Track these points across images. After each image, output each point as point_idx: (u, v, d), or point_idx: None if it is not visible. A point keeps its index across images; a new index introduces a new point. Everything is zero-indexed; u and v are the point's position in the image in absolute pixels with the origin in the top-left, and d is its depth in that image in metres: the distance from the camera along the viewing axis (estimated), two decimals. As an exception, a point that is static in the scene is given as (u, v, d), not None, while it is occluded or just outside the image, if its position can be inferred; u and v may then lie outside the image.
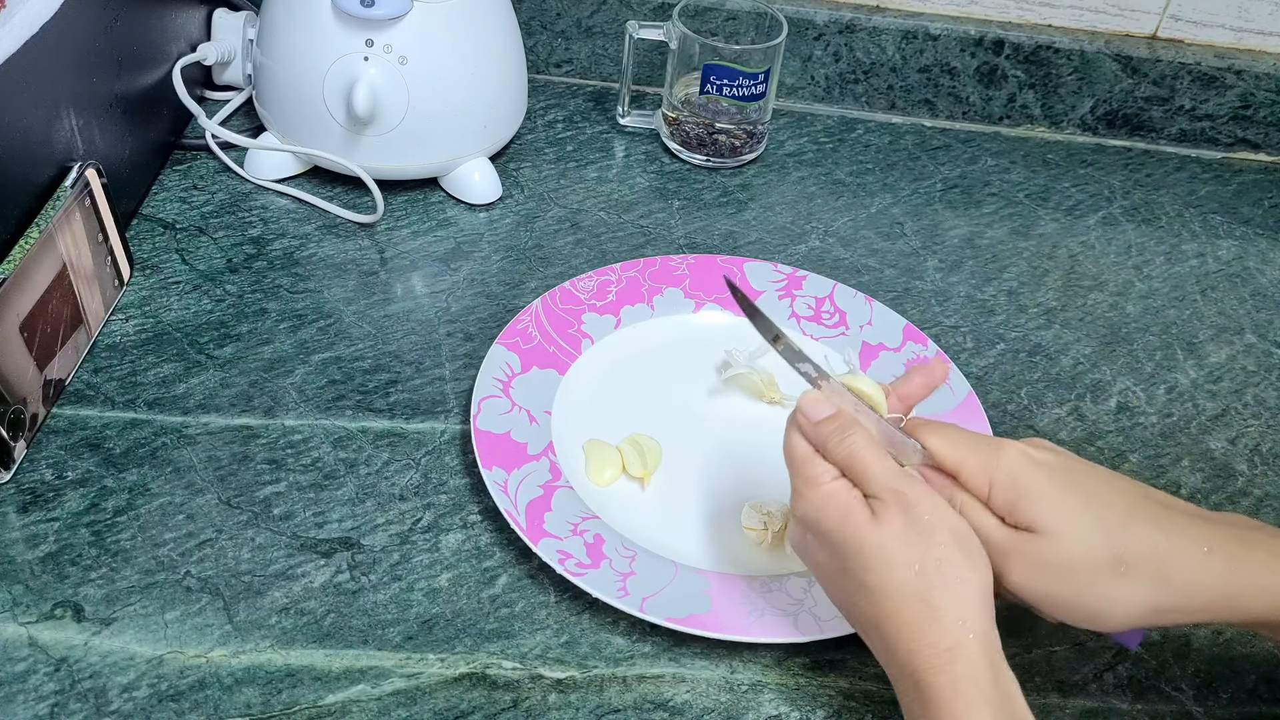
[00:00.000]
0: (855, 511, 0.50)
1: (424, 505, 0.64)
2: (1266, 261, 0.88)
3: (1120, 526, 0.49)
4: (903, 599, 0.49)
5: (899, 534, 0.49)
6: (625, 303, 0.75)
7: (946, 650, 0.47)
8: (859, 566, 0.49)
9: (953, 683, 0.47)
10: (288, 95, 0.80)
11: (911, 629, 0.48)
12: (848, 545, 0.50)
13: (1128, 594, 0.49)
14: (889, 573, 0.49)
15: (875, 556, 0.49)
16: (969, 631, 0.48)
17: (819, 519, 0.51)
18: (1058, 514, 0.49)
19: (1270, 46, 0.96)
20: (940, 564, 0.49)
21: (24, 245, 0.62)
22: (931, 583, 0.48)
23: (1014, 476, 0.50)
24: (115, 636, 0.56)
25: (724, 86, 0.86)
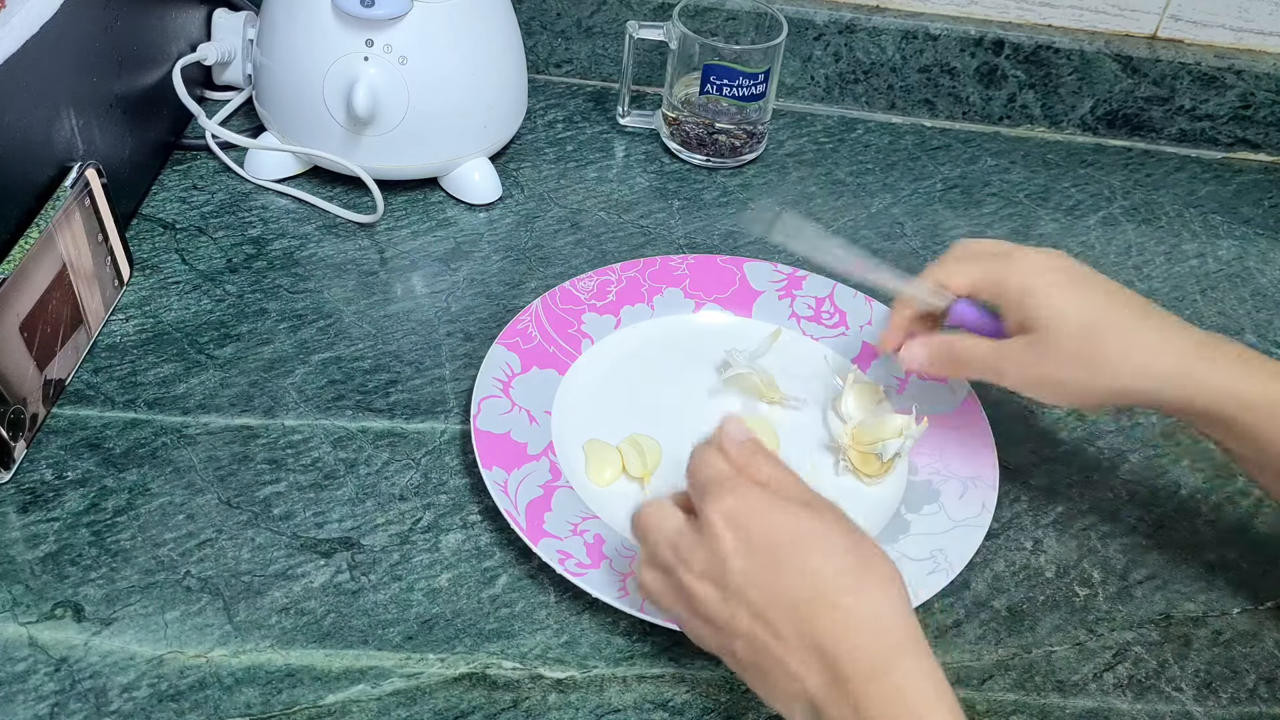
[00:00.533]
0: (795, 501, 0.49)
1: (424, 505, 0.64)
2: (1266, 261, 0.88)
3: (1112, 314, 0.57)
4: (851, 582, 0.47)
5: (834, 524, 0.49)
6: (625, 303, 0.75)
7: (898, 642, 0.46)
8: (803, 547, 0.48)
9: (911, 676, 0.45)
10: (288, 95, 0.80)
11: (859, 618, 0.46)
12: (793, 527, 0.48)
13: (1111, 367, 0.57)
14: (832, 554, 0.47)
15: (821, 536, 0.48)
16: (912, 626, 0.47)
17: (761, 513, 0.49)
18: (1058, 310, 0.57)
19: (1270, 46, 0.96)
20: (877, 561, 0.48)
21: (24, 245, 0.62)
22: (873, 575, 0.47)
23: (1029, 278, 0.58)
24: (115, 636, 0.56)
25: (724, 86, 0.86)
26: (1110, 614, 0.62)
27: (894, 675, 0.45)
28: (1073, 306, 0.57)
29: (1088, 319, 0.57)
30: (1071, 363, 0.57)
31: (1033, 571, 0.64)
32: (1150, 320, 0.58)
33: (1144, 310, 0.58)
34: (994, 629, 0.61)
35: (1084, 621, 0.62)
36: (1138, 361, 0.57)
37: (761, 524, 0.48)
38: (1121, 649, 0.61)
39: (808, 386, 0.71)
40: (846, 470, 0.67)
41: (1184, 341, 0.57)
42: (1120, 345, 0.57)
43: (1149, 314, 0.58)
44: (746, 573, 0.48)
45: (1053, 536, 0.66)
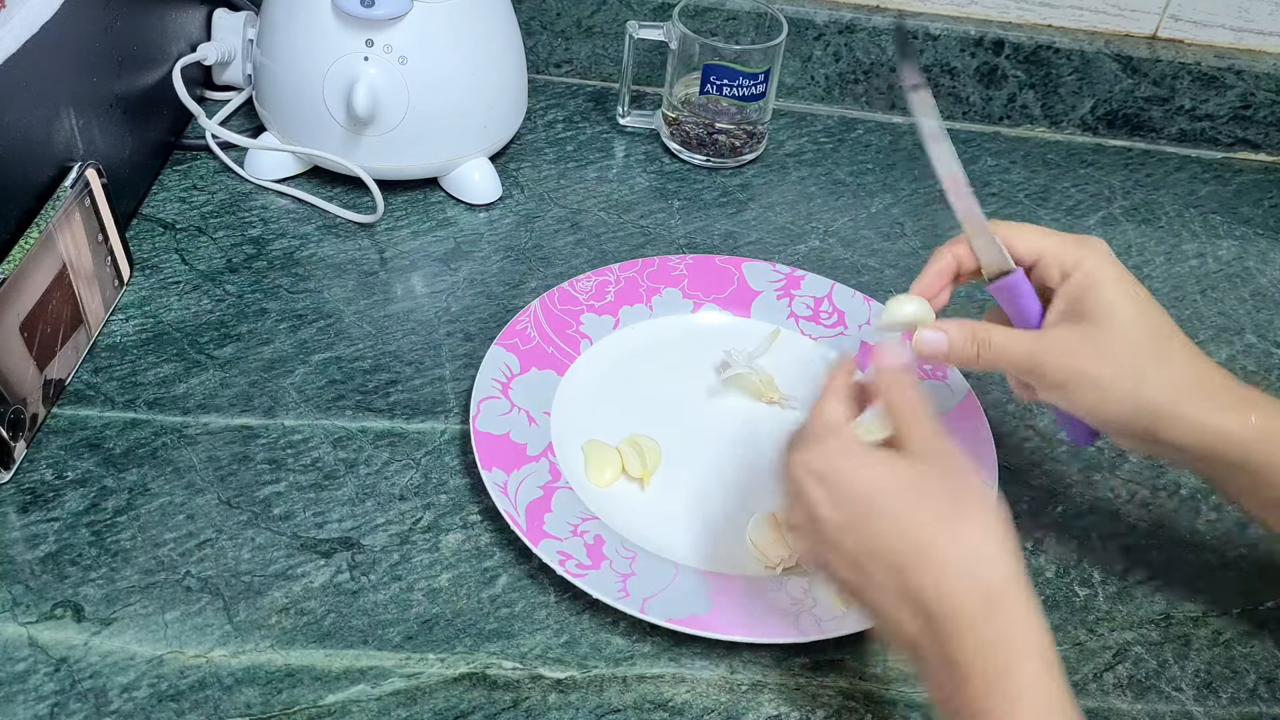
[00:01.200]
0: (881, 451, 0.51)
1: (424, 505, 0.64)
2: (1266, 261, 0.88)
3: (1162, 329, 0.56)
4: (946, 527, 0.48)
5: (931, 468, 0.49)
6: (624, 303, 0.75)
7: (996, 588, 0.46)
8: (895, 496, 0.49)
9: (1008, 623, 0.46)
10: (288, 95, 0.80)
11: (956, 564, 0.47)
12: (879, 476, 0.49)
13: (1150, 376, 0.54)
14: (925, 500, 0.48)
15: (910, 484, 0.49)
16: (1012, 571, 0.47)
17: (845, 466, 0.50)
18: (1117, 306, 0.55)
19: (1270, 46, 0.96)
20: (978, 502, 0.49)
21: (24, 245, 0.62)
22: (971, 518, 0.48)
23: (1098, 269, 0.56)
24: (115, 636, 0.56)
25: (724, 86, 0.86)
26: (1110, 614, 0.62)
27: (982, 627, 0.46)
28: (1136, 309, 0.55)
29: (1149, 325, 0.55)
30: (1122, 365, 0.54)
31: (1033, 571, 0.64)
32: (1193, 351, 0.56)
33: (1187, 341, 0.57)
34: (994, 629, 0.61)
35: (1084, 621, 0.62)
36: (1177, 372, 0.55)
37: (847, 475, 0.50)
38: (1121, 649, 0.61)
39: (806, 386, 0.71)
40: None
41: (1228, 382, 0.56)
42: (1172, 361, 0.55)
43: (1191, 346, 0.57)
44: (836, 523, 0.50)
45: (1053, 536, 0.66)
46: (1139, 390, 0.54)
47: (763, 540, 0.61)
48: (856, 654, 0.59)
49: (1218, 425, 0.54)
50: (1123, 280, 0.56)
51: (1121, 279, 0.56)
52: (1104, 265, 0.56)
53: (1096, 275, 0.55)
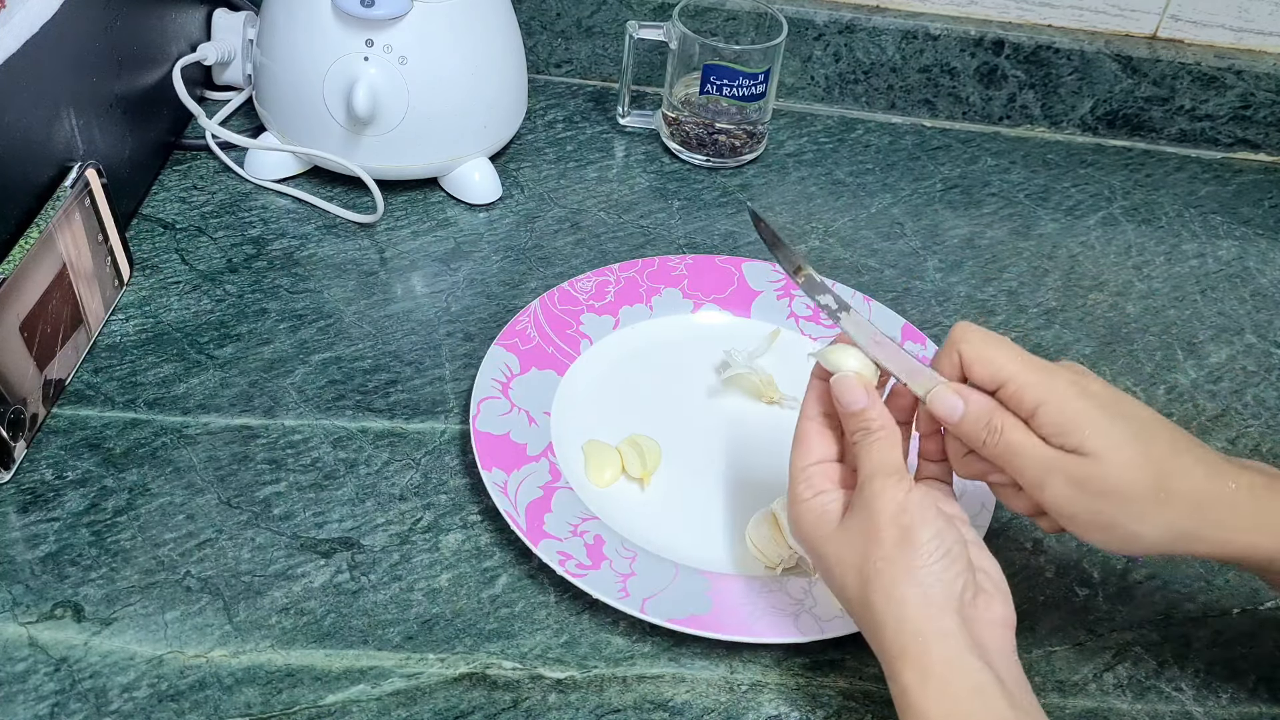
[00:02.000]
0: (822, 525, 0.53)
1: (424, 505, 0.64)
2: (1266, 261, 0.88)
3: (1164, 459, 0.50)
4: (853, 603, 0.51)
5: (849, 538, 0.52)
6: (624, 303, 0.75)
7: (895, 659, 0.49)
8: (825, 573, 0.53)
9: (902, 692, 0.48)
10: (288, 95, 0.80)
11: (868, 634, 0.51)
12: (815, 554, 0.54)
13: (1164, 520, 0.49)
14: (842, 578, 0.52)
15: (833, 562, 0.52)
16: (914, 636, 0.48)
17: (796, 532, 0.55)
18: (1109, 441, 0.49)
19: (1270, 46, 0.96)
20: (879, 566, 0.50)
21: (24, 245, 0.62)
22: (870, 588, 0.50)
23: (1065, 401, 0.49)
24: (115, 636, 0.56)
25: (724, 86, 0.86)
26: (1110, 614, 0.62)
27: (897, 686, 0.49)
28: (1132, 436, 0.49)
29: (1150, 452, 0.50)
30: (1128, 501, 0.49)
31: (1033, 571, 0.64)
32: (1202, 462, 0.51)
33: (1190, 445, 0.51)
34: (994, 629, 0.61)
35: (1084, 621, 0.62)
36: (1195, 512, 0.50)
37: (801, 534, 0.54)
38: (1121, 649, 0.61)
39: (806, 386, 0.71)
40: None
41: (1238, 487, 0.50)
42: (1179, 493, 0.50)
43: (1195, 449, 0.51)
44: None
45: (1053, 536, 0.66)
46: (1147, 531, 0.50)
47: (762, 540, 0.61)
48: (856, 654, 0.59)
49: (1241, 544, 0.50)
50: (1104, 407, 0.50)
51: (1102, 408, 0.50)
52: (1076, 398, 0.50)
53: (1071, 411, 0.49)
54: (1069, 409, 0.49)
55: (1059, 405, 0.49)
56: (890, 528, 0.50)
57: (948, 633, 0.48)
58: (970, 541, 0.52)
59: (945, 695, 0.47)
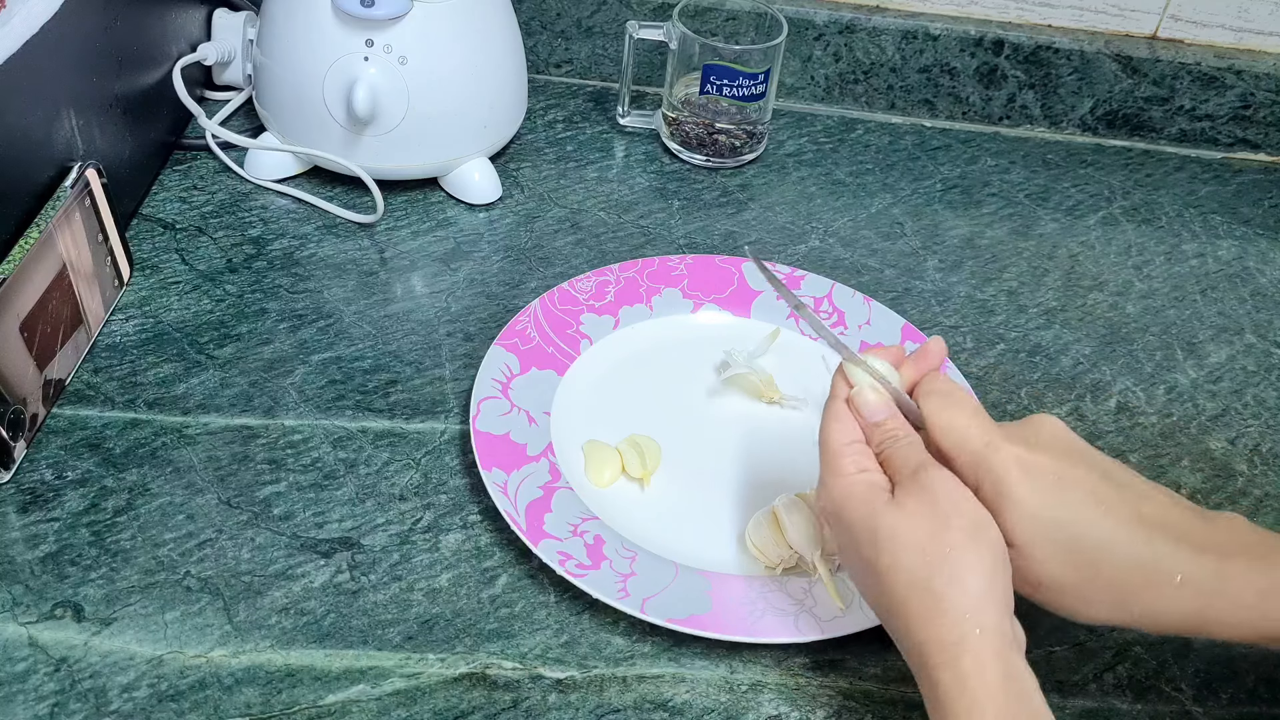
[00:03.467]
0: (875, 498, 0.51)
1: (424, 505, 0.64)
2: (1266, 261, 0.88)
3: (1092, 559, 0.50)
4: (911, 585, 0.48)
5: (910, 516, 0.49)
6: (624, 303, 0.75)
7: (952, 645, 0.47)
8: (873, 550, 0.50)
9: (958, 679, 0.46)
10: (288, 95, 0.80)
11: (919, 619, 0.48)
12: (864, 529, 0.50)
13: (1090, 612, 0.51)
14: (897, 556, 0.49)
15: (888, 538, 0.49)
16: (975, 626, 0.47)
17: (841, 509, 0.52)
18: (1031, 533, 0.49)
19: (1270, 46, 0.96)
20: (948, 552, 0.48)
21: (24, 245, 0.62)
22: (936, 570, 0.48)
23: (999, 480, 0.50)
24: (115, 636, 0.56)
25: (724, 86, 0.86)
26: (1110, 614, 0.62)
27: (942, 678, 0.47)
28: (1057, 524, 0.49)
29: (1079, 538, 0.49)
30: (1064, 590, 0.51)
31: (1032, 571, 0.64)
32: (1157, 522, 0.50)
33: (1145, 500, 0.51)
34: (994, 629, 0.61)
35: (1084, 621, 0.62)
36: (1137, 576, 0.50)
37: (841, 515, 0.52)
38: (1121, 649, 0.61)
39: (806, 386, 0.71)
40: None
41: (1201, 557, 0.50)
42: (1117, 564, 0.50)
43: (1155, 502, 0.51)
44: (849, 552, 0.52)
45: (1052, 536, 0.66)
46: (1094, 611, 0.51)
47: (763, 540, 0.61)
48: (856, 654, 0.59)
49: (1180, 614, 0.50)
50: (1042, 492, 0.50)
51: (1039, 493, 0.49)
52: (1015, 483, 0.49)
53: (1002, 502, 0.50)
54: (1001, 489, 0.50)
55: (993, 484, 0.50)
56: (960, 516, 0.49)
57: (1005, 631, 0.48)
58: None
59: (1000, 690, 0.46)
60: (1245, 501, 0.69)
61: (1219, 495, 0.69)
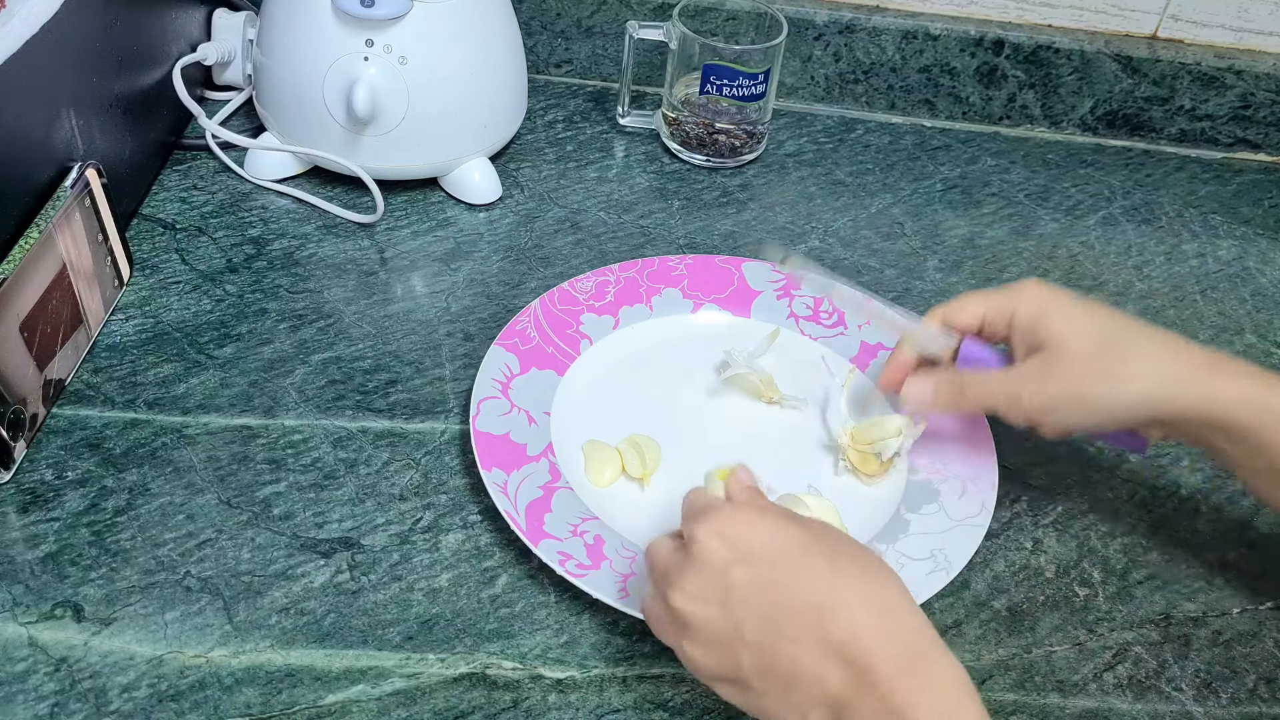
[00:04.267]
0: (784, 511, 0.51)
1: (424, 505, 0.64)
2: (1266, 261, 0.88)
3: (1120, 329, 0.58)
4: (867, 579, 0.47)
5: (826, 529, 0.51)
6: (624, 303, 0.75)
7: (929, 635, 0.46)
8: (808, 550, 0.48)
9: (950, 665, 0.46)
10: (288, 95, 0.80)
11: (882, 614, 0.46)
12: (789, 533, 0.49)
13: (1124, 371, 0.57)
14: (839, 555, 0.48)
15: (819, 540, 0.49)
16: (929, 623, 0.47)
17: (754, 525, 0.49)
18: (1068, 326, 0.58)
19: (1270, 46, 0.96)
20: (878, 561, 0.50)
21: (24, 245, 0.62)
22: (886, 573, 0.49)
23: (1036, 305, 0.59)
24: (115, 636, 0.56)
25: (724, 86, 0.86)
26: (1110, 614, 0.62)
27: (922, 669, 0.45)
28: (1086, 323, 0.58)
29: (1103, 332, 0.58)
30: (1091, 375, 0.57)
31: (1033, 571, 0.64)
32: (1156, 334, 0.58)
33: (1147, 326, 0.59)
34: (994, 629, 0.61)
35: (1084, 621, 0.62)
36: (1156, 367, 0.57)
37: (757, 535, 0.49)
38: (1121, 649, 0.61)
39: (806, 386, 0.71)
40: (846, 470, 0.67)
41: (1194, 351, 0.58)
42: (1138, 353, 0.57)
43: (1153, 329, 0.59)
44: (750, 582, 0.48)
45: (1053, 536, 0.66)
46: (1119, 391, 0.57)
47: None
48: (856, 654, 0.59)
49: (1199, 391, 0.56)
50: (1063, 304, 0.59)
51: (1062, 303, 0.59)
52: (1039, 299, 0.59)
53: (1035, 310, 0.59)
54: (1041, 307, 0.59)
55: (1032, 306, 0.59)
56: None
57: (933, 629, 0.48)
58: None
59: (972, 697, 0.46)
60: (1245, 502, 0.69)
61: (1219, 496, 0.69)
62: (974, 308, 0.62)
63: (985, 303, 0.62)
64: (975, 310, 0.62)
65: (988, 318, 0.61)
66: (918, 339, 0.64)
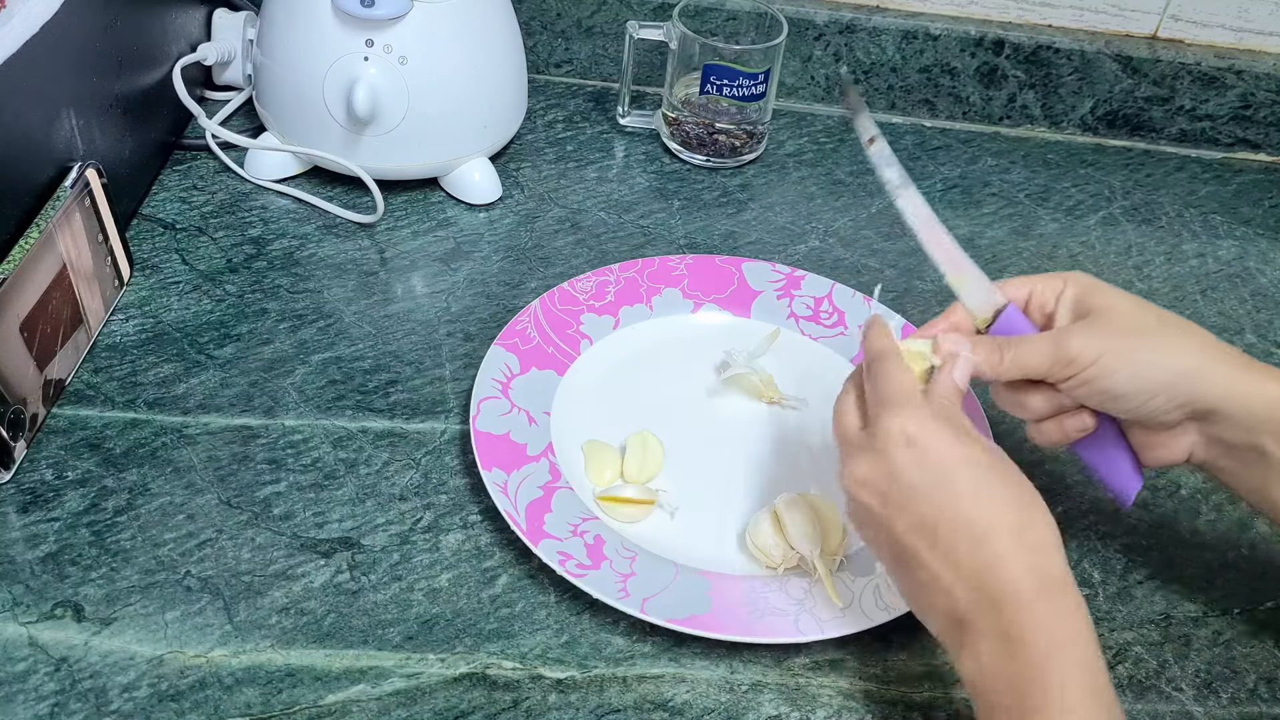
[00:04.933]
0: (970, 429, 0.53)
1: (424, 505, 0.64)
2: (1266, 261, 0.88)
3: (1164, 313, 0.57)
4: (1024, 515, 0.50)
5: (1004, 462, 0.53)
6: (624, 303, 0.75)
7: (1063, 576, 0.49)
8: (982, 471, 0.51)
9: (1077, 605, 0.48)
10: (288, 95, 0.80)
11: (1029, 550, 0.49)
12: (968, 452, 0.51)
13: (1173, 342, 0.56)
14: (1007, 486, 0.51)
15: (994, 468, 0.51)
16: (1069, 571, 0.49)
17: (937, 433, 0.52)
18: (1118, 298, 0.57)
19: (1270, 46, 0.96)
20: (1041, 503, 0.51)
21: (24, 245, 0.62)
22: (1042, 514, 0.51)
23: (1087, 282, 0.59)
24: (115, 636, 0.56)
25: (724, 86, 0.86)
26: (1110, 614, 0.62)
27: (1039, 607, 0.48)
28: (1136, 300, 0.58)
29: (1154, 309, 0.57)
30: (1144, 335, 0.56)
31: (1032, 571, 0.64)
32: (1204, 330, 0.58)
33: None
34: (994, 629, 0.61)
35: (1084, 621, 0.62)
36: (1206, 348, 0.56)
37: (940, 445, 0.51)
38: (1121, 649, 0.61)
39: (806, 386, 0.71)
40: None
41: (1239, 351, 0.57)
42: (1188, 332, 0.57)
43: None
44: (917, 487, 0.51)
45: (1052, 536, 0.66)
46: (1168, 358, 0.55)
47: (763, 540, 0.61)
48: (856, 654, 0.59)
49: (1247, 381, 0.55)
50: (1113, 286, 0.59)
51: (1111, 286, 0.59)
52: (1090, 279, 0.59)
53: (1087, 285, 0.59)
54: (1090, 284, 0.58)
55: (1082, 282, 0.59)
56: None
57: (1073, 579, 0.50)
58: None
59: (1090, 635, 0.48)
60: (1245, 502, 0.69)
61: (1219, 495, 0.69)
62: (1021, 284, 0.61)
63: (1034, 279, 0.61)
64: (1023, 286, 0.60)
65: (1036, 289, 0.60)
66: (968, 283, 0.60)
